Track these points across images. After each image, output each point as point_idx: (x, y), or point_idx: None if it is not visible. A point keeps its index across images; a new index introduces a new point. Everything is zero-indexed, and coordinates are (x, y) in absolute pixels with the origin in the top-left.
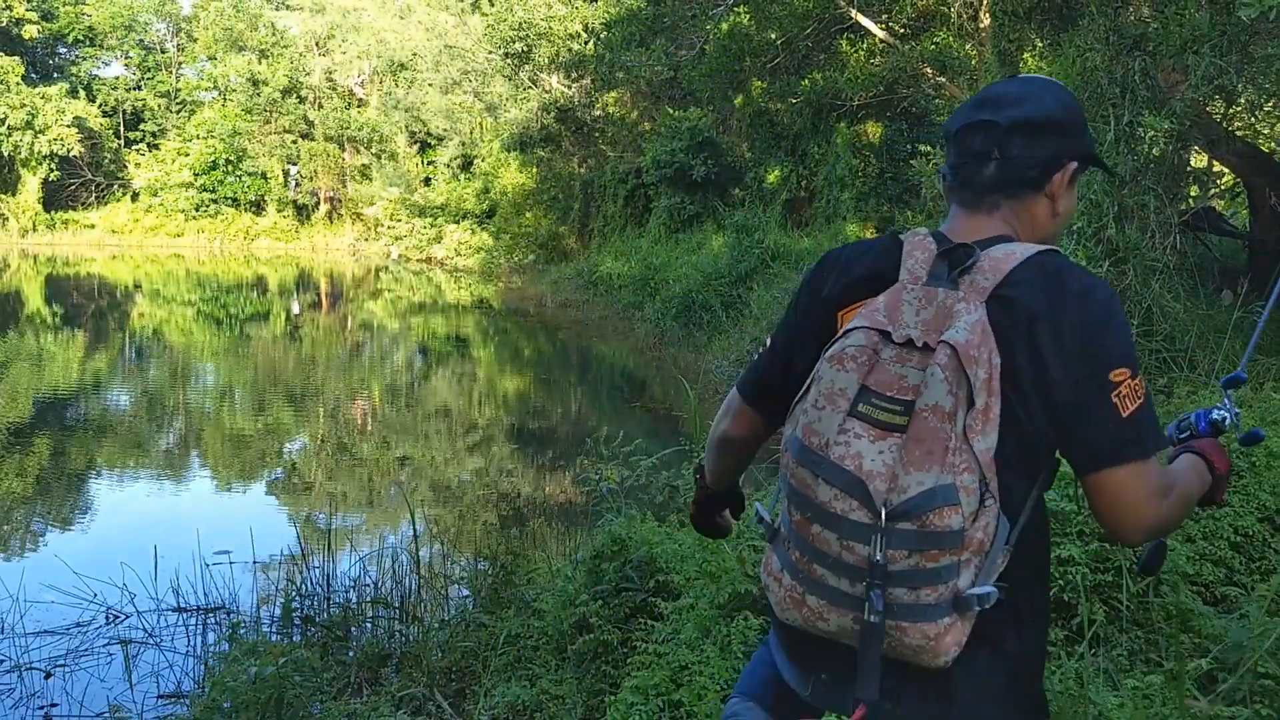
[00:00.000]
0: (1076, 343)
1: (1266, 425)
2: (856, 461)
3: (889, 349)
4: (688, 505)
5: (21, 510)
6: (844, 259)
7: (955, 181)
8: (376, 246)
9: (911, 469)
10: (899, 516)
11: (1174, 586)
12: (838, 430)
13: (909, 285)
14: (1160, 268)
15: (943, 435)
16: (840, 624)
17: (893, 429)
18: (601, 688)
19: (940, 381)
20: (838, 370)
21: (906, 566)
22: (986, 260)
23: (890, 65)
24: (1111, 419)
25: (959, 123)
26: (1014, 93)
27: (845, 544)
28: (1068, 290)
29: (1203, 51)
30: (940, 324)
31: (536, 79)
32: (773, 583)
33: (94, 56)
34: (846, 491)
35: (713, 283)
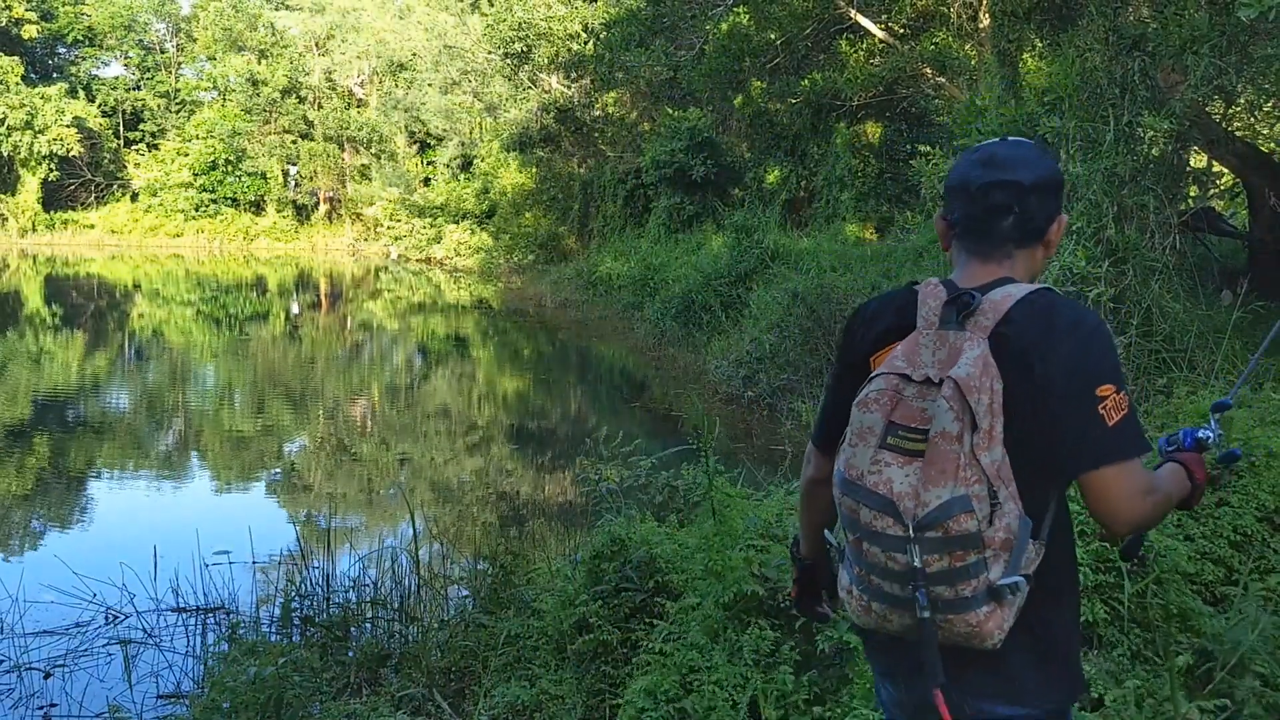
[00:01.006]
0: (1066, 366)
1: (1266, 425)
2: (888, 486)
3: (910, 387)
4: (689, 507)
5: (21, 510)
6: (871, 312)
7: (968, 231)
8: (376, 247)
9: (930, 486)
10: (925, 527)
11: (1173, 585)
12: (870, 461)
13: (924, 330)
14: (1160, 268)
15: (953, 455)
16: (902, 623)
17: (917, 455)
18: (601, 688)
19: (946, 411)
20: (864, 413)
21: (941, 568)
22: (987, 303)
23: (890, 65)
24: (1099, 428)
25: (980, 179)
26: (1018, 155)
27: (889, 555)
28: (1057, 323)
29: (1202, 52)
30: (952, 362)
31: (536, 79)
32: (847, 596)
33: (93, 56)
34: (882, 511)
35: (712, 283)
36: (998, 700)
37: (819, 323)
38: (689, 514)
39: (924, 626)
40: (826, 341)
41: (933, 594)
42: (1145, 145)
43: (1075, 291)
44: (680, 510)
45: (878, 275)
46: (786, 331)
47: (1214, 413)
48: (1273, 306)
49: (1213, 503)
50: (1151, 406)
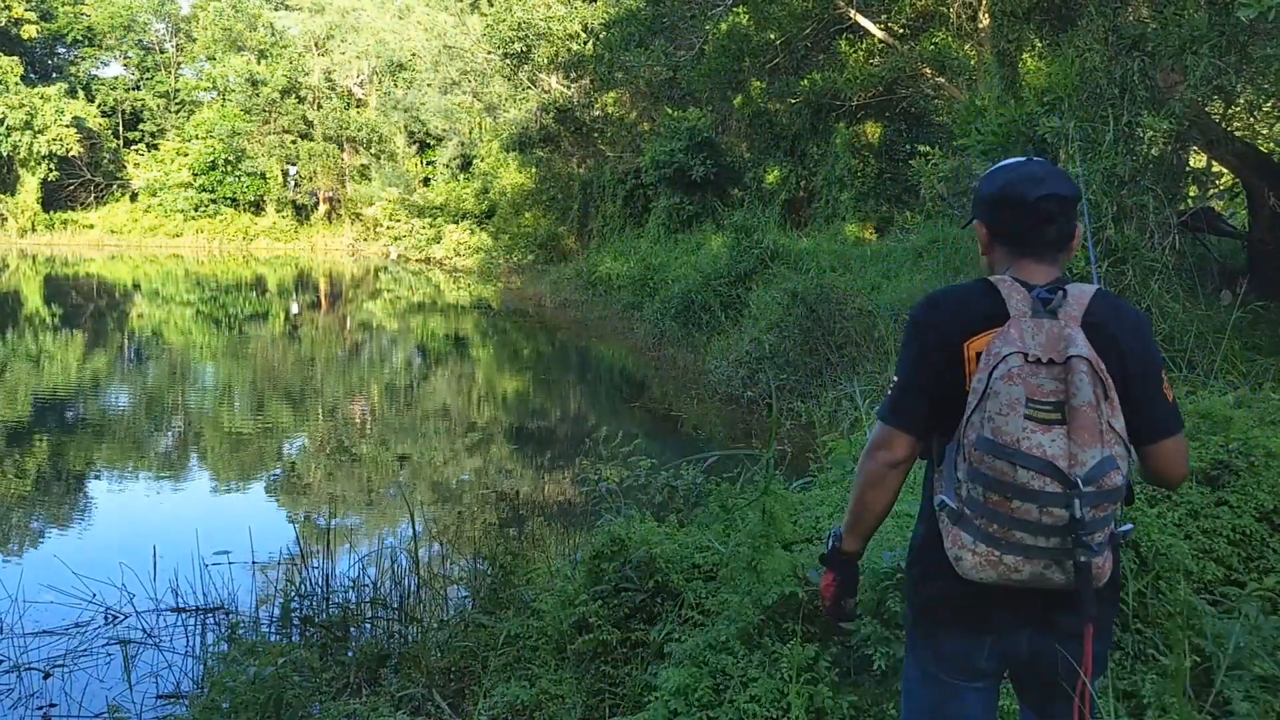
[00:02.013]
0: (1142, 354)
1: (1265, 425)
2: (1041, 450)
3: (1029, 366)
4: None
5: (21, 510)
6: (957, 303)
7: (1019, 238)
8: (375, 247)
9: (1084, 448)
10: (1088, 482)
11: (1176, 584)
12: (1021, 429)
13: (1019, 320)
14: (1159, 268)
15: (1095, 421)
16: (1032, 572)
17: (1052, 423)
18: (601, 687)
19: (1086, 385)
20: (1010, 385)
21: (1092, 518)
22: (1071, 296)
23: (889, 65)
24: (1165, 405)
25: (1033, 193)
26: (1052, 171)
27: (1045, 510)
28: (1128, 316)
29: (1201, 52)
30: (1055, 345)
31: (535, 79)
32: (965, 553)
33: (93, 56)
34: (1041, 472)
35: (712, 283)
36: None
37: (819, 323)
38: (688, 514)
39: (1081, 570)
40: (826, 341)
41: (1091, 542)
42: (1145, 145)
43: None
44: (680, 510)
45: (877, 275)
46: (786, 331)
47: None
48: (1272, 306)
49: (1212, 502)
50: None
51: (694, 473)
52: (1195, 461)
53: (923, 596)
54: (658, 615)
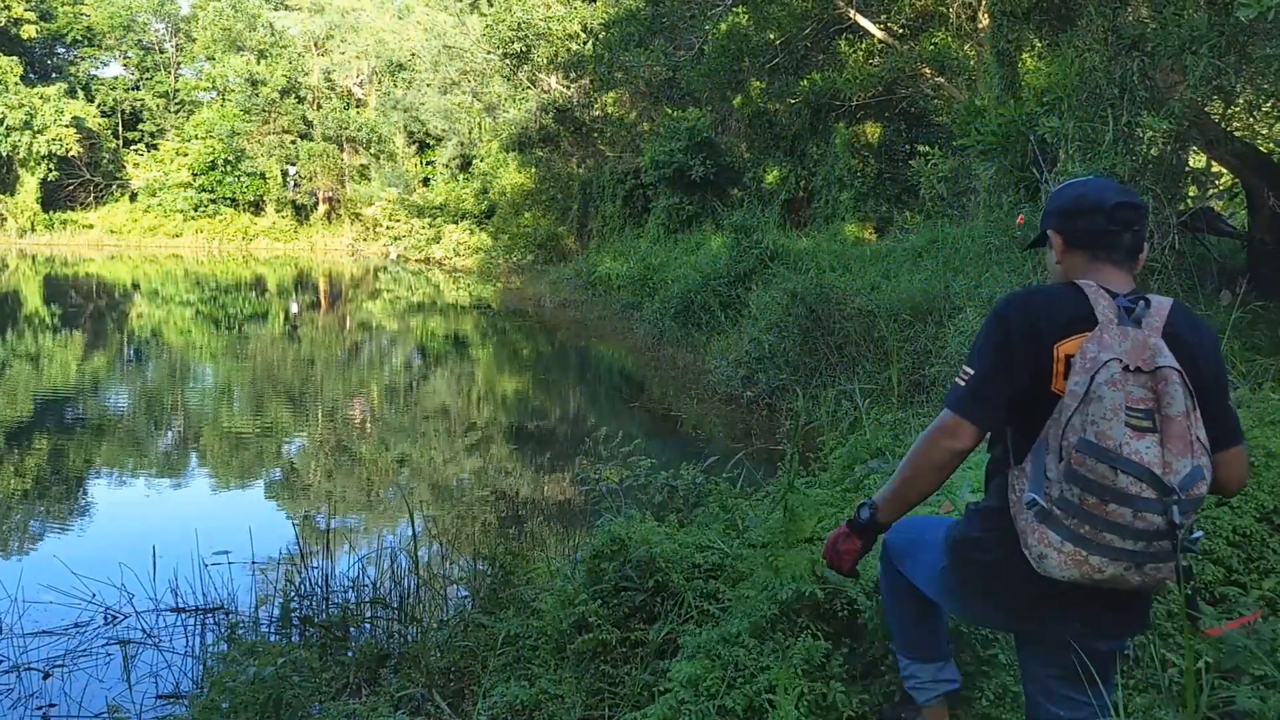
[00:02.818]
0: (1215, 366)
1: (1265, 425)
2: (1139, 457)
3: (1123, 373)
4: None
5: (20, 510)
6: (1044, 304)
7: (1098, 241)
8: (375, 247)
9: (1178, 457)
10: (1184, 489)
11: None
12: (1123, 435)
13: (1109, 327)
14: (1159, 268)
15: (1185, 431)
16: (1114, 573)
17: (1145, 431)
18: (601, 687)
19: (1179, 396)
20: (1114, 390)
21: (1186, 524)
22: (1154, 307)
23: (889, 65)
24: (1233, 416)
25: (1113, 200)
26: (1123, 186)
27: (1139, 514)
28: (1203, 329)
29: (1201, 52)
30: (1143, 354)
31: (535, 79)
32: (1051, 551)
33: (92, 56)
34: (1139, 478)
35: (711, 283)
36: (1137, 631)
37: (818, 322)
38: (688, 514)
39: (1184, 573)
40: (826, 341)
41: (1184, 545)
42: (1144, 145)
43: None
44: (680, 510)
45: (877, 275)
46: (786, 331)
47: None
48: (1272, 306)
49: (1212, 503)
50: None
51: (694, 472)
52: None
53: (979, 581)
54: (657, 615)
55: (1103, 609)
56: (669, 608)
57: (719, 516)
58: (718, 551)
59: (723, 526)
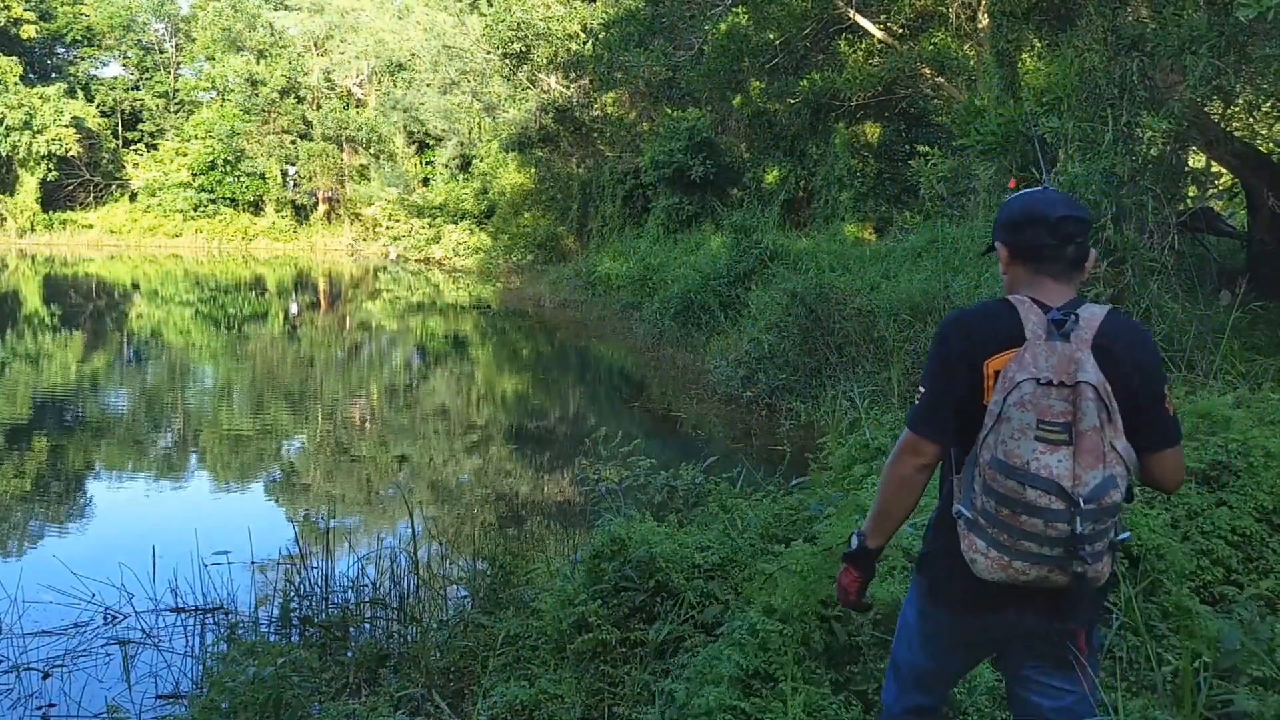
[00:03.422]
0: (1150, 373)
1: (1264, 425)
2: (1049, 471)
3: (1040, 389)
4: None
5: (20, 511)
6: (978, 323)
7: (1040, 256)
8: (375, 247)
9: (1087, 470)
10: (1088, 501)
11: (1171, 585)
12: (1032, 452)
13: (1035, 343)
14: (1158, 268)
15: (1098, 444)
16: (1037, 574)
17: (1060, 444)
18: (600, 687)
19: (1093, 410)
20: (1022, 411)
21: (1091, 531)
22: (1083, 321)
23: (888, 65)
24: (1169, 419)
25: (1057, 213)
26: (1068, 198)
27: (1050, 524)
28: (1135, 335)
29: (1201, 52)
30: (1067, 368)
31: (535, 79)
32: (979, 557)
33: (92, 56)
34: (1048, 491)
35: (711, 283)
36: (1082, 622)
37: (818, 323)
38: (688, 514)
39: (1081, 579)
40: (825, 341)
41: (1087, 553)
42: (1144, 145)
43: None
44: (679, 510)
45: (877, 275)
46: (785, 331)
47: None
48: (1271, 306)
49: (1213, 502)
50: None
51: (693, 472)
52: (1194, 462)
53: (933, 586)
54: (657, 615)
55: (1047, 600)
56: (668, 608)
57: (719, 516)
58: (718, 552)
59: (723, 527)
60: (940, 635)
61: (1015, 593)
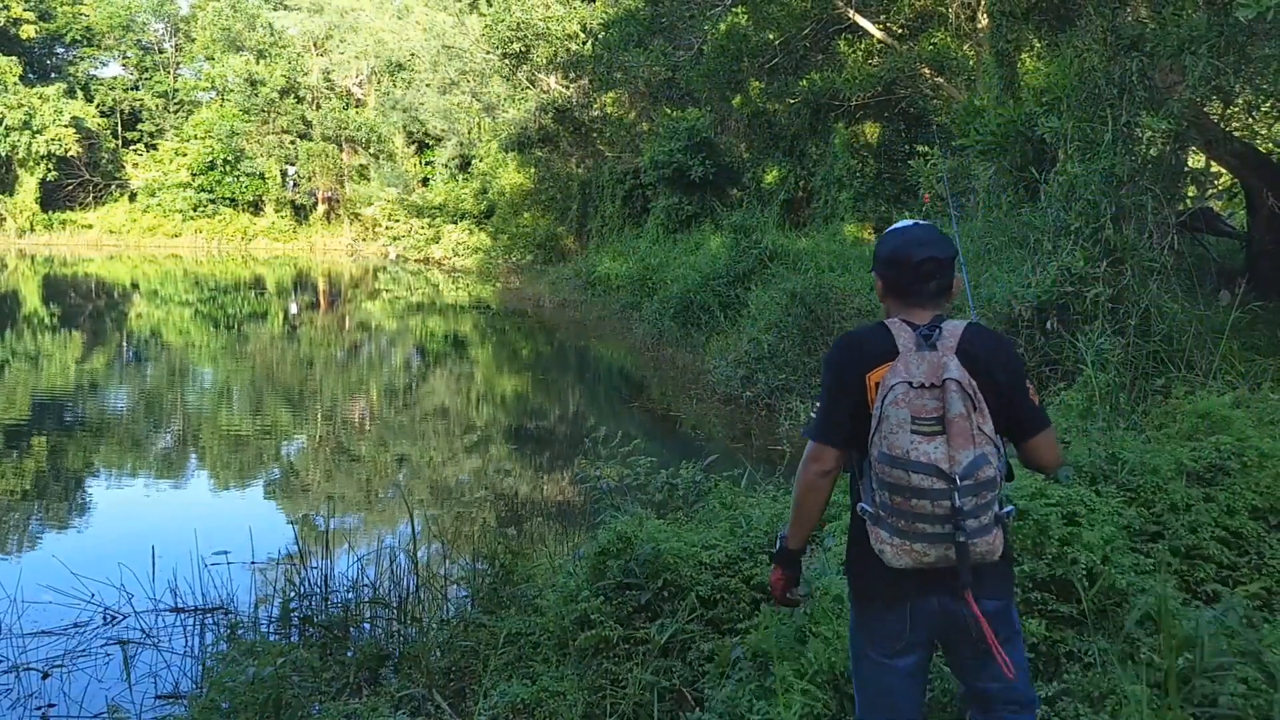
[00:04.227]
0: (1008, 369)
1: (1264, 425)
2: (927, 457)
3: (913, 391)
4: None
5: (19, 511)
6: (859, 344)
7: (907, 289)
8: (374, 247)
9: (959, 450)
10: (963, 478)
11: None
12: (909, 443)
13: (907, 354)
14: (1158, 268)
15: (967, 428)
16: (937, 554)
17: (934, 435)
18: (602, 684)
19: (958, 400)
20: (897, 409)
21: (973, 506)
22: (946, 332)
23: (888, 65)
24: (1033, 407)
25: (918, 255)
26: (933, 237)
27: (935, 503)
28: (992, 340)
29: (1200, 52)
30: (936, 372)
31: (534, 79)
32: (886, 548)
33: (92, 56)
34: (928, 474)
35: (710, 283)
36: (992, 597)
37: (817, 322)
38: (689, 512)
39: (961, 549)
40: (825, 341)
41: (967, 525)
42: (1143, 145)
43: (1073, 292)
44: (680, 509)
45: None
46: (785, 331)
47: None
48: (1271, 306)
49: (1199, 496)
50: (1149, 406)
51: (694, 471)
52: (1191, 462)
53: (858, 587)
54: (659, 613)
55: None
56: (672, 608)
57: (720, 514)
58: (724, 550)
59: (728, 526)
60: (879, 635)
61: (926, 578)
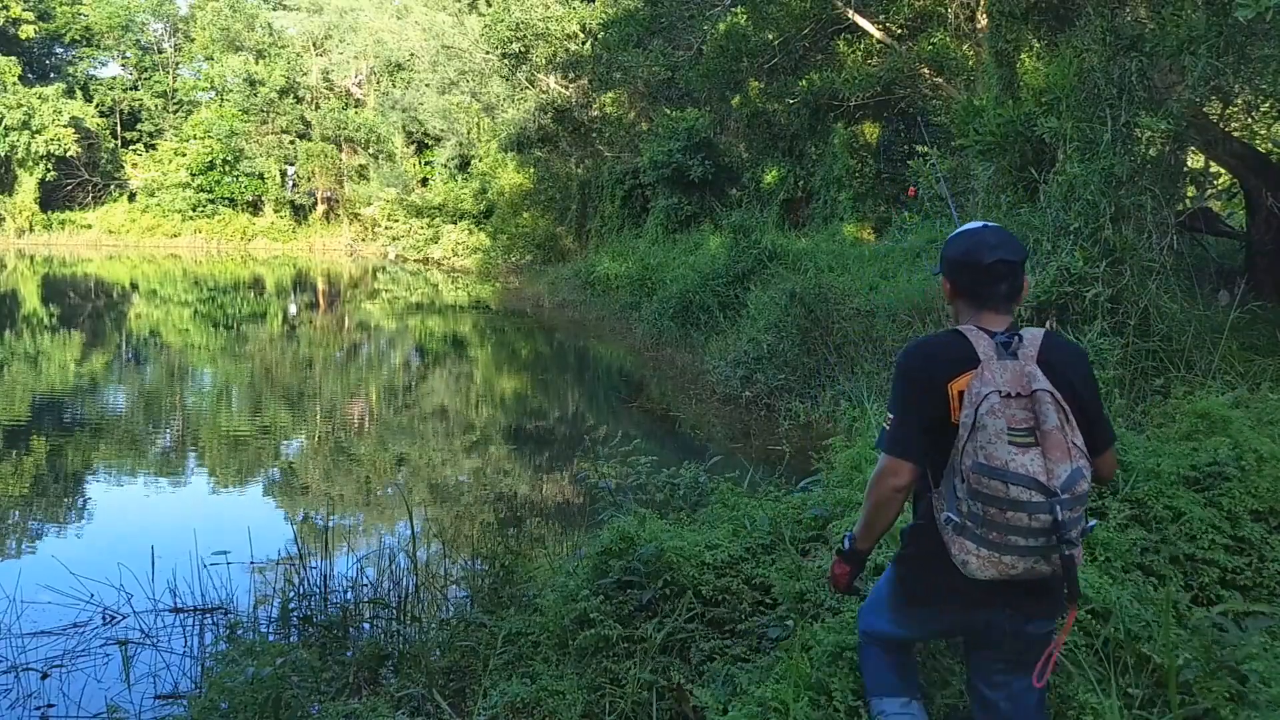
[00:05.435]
0: (1085, 381)
1: (1263, 425)
2: (1025, 469)
3: (1002, 400)
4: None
5: (18, 511)
6: (935, 352)
7: (977, 293)
8: (374, 247)
9: (1058, 464)
10: (1064, 491)
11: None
12: (1007, 453)
13: (989, 363)
14: (1157, 268)
15: (1062, 440)
16: (1025, 567)
17: (1028, 446)
18: (602, 683)
19: (1051, 413)
20: (994, 419)
21: (1069, 519)
22: (1026, 340)
23: (887, 66)
24: (1107, 421)
25: (989, 258)
26: (1004, 238)
27: (1033, 516)
28: (1072, 352)
29: (1200, 52)
30: (1021, 381)
31: (534, 79)
32: (970, 557)
33: (91, 56)
34: (1028, 487)
35: (710, 283)
36: (1045, 617)
37: (816, 322)
38: (691, 512)
39: (1067, 562)
40: (824, 341)
41: (1072, 537)
42: (1142, 146)
43: (1072, 292)
44: (681, 509)
45: (875, 275)
46: (784, 331)
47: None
48: (1270, 306)
49: (1200, 502)
50: (1149, 406)
51: (694, 470)
52: (1188, 468)
53: (914, 590)
54: (659, 612)
55: (1024, 596)
56: (672, 606)
57: (723, 515)
58: (728, 550)
59: (731, 527)
60: (909, 618)
61: (994, 590)
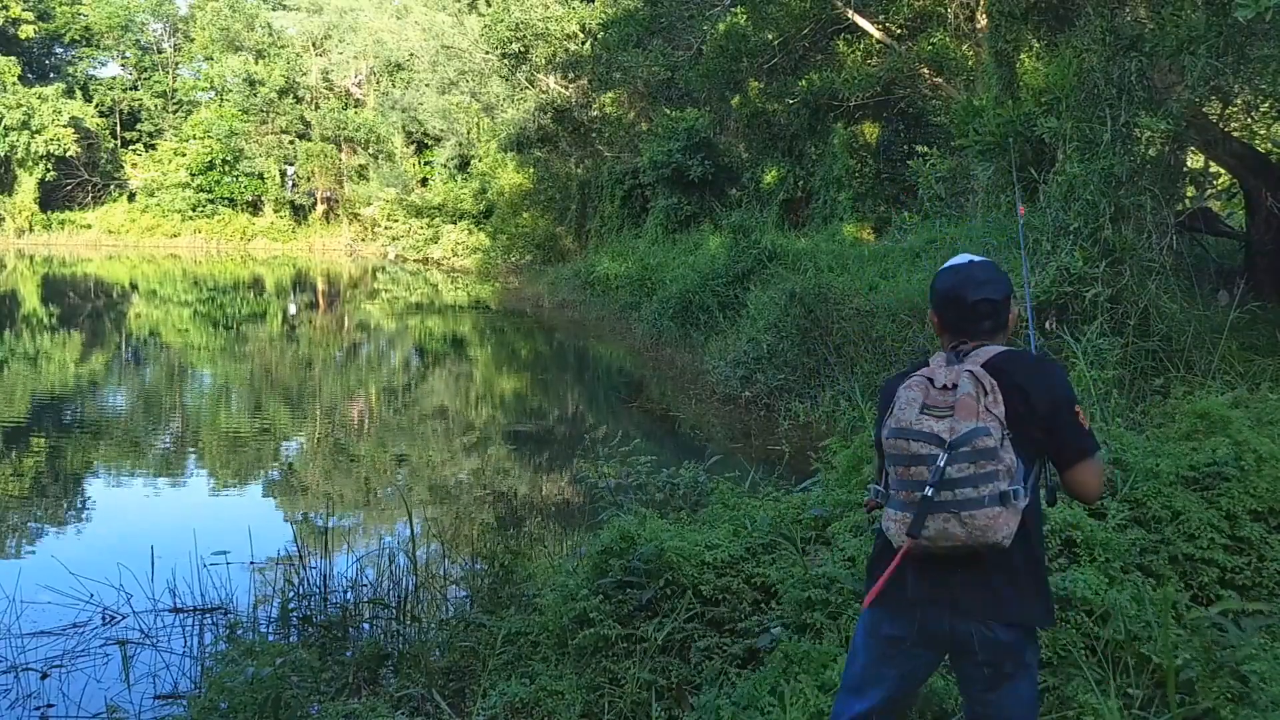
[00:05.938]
0: (1043, 387)
1: (1263, 426)
2: (930, 428)
3: (926, 383)
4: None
5: (18, 511)
6: (898, 376)
7: (960, 329)
8: (373, 247)
9: (961, 422)
10: (956, 445)
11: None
12: (915, 418)
13: (937, 365)
14: (1157, 268)
15: (974, 405)
16: (936, 528)
17: (943, 417)
18: (601, 683)
19: (969, 382)
20: (910, 391)
21: (969, 474)
22: (976, 351)
23: (887, 66)
24: (1078, 430)
25: (973, 296)
26: (989, 274)
27: (930, 468)
28: (1030, 362)
29: (1199, 52)
30: (955, 375)
31: (533, 79)
32: (890, 523)
33: (90, 56)
34: (928, 442)
35: (710, 283)
36: (1008, 623)
37: (816, 323)
38: (691, 512)
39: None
40: (824, 341)
41: (958, 494)
42: (1142, 145)
43: (1072, 292)
44: (681, 509)
45: (875, 275)
46: (784, 331)
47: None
48: (1269, 306)
49: (1203, 504)
50: (1148, 406)
51: (694, 470)
52: (1187, 468)
53: (871, 580)
54: (659, 612)
55: (960, 587)
56: (672, 606)
57: (723, 515)
58: (728, 550)
59: (731, 526)
60: (875, 632)
61: (928, 571)
